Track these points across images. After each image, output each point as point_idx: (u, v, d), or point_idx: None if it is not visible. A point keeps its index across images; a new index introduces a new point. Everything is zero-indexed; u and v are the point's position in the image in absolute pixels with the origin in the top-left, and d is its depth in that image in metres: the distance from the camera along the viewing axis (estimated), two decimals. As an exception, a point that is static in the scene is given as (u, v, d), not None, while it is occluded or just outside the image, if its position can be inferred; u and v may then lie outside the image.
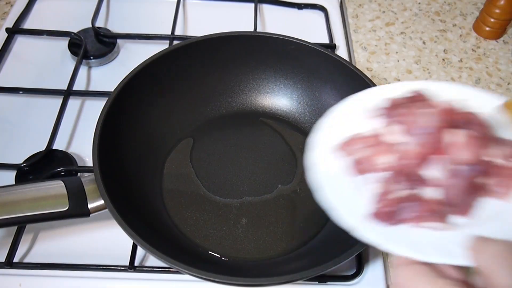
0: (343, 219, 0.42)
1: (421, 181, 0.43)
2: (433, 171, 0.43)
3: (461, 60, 0.84)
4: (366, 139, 0.46)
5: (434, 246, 0.39)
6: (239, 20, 0.85)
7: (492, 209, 0.42)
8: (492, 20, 0.86)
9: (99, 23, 0.82)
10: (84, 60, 0.77)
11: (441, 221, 0.42)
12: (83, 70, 0.77)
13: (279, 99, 0.70)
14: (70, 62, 0.78)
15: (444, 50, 0.86)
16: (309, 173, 0.46)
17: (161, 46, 0.70)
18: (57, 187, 0.50)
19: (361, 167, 0.46)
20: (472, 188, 0.42)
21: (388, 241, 0.40)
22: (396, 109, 0.47)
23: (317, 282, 0.56)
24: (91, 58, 0.78)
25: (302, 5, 0.89)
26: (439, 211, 0.42)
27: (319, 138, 0.49)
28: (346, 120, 0.51)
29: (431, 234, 0.41)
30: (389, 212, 0.42)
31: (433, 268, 0.38)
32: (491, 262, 0.35)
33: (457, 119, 0.44)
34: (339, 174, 0.46)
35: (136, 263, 0.56)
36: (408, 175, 0.43)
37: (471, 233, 0.38)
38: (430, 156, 0.43)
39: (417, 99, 0.48)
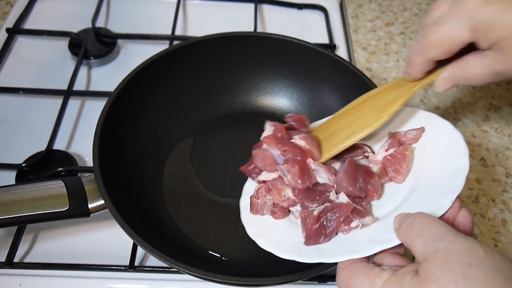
0: (283, 256, 0.47)
1: (324, 191, 0.49)
2: (324, 177, 0.49)
3: (461, 60, 0.84)
4: (260, 190, 0.52)
5: (368, 241, 0.43)
6: (239, 20, 0.85)
7: (406, 190, 0.48)
8: (492, 20, 0.86)
9: (99, 23, 0.82)
10: (84, 60, 0.77)
11: (367, 214, 0.47)
12: (83, 70, 0.77)
13: (279, 99, 0.70)
14: (70, 62, 0.78)
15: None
16: (246, 229, 0.52)
17: (161, 46, 0.70)
18: (57, 187, 0.50)
19: (278, 215, 0.52)
20: (357, 176, 0.48)
21: (326, 256, 0.44)
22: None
23: (317, 282, 0.56)
24: (91, 58, 0.78)
25: (302, 5, 0.89)
26: (357, 207, 0.47)
27: (244, 201, 0.55)
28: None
29: (365, 232, 0.46)
30: (316, 232, 0.46)
31: (370, 262, 0.42)
32: (408, 235, 0.38)
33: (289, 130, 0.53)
34: (270, 223, 0.52)
35: (136, 263, 0.56)
36: (310, 194, 0.49)
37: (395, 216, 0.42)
38: (306, 166, 0.50)
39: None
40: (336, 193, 0.49)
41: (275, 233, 0.50)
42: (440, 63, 0.47)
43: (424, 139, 0.51)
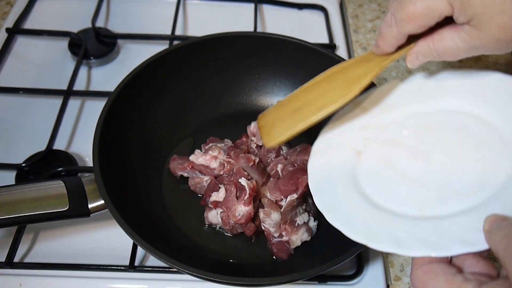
0: (353, 237, 0.43)
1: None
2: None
3: (461, 60, 0.84)
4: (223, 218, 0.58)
5: (452, 238, 0.38)
6: (239, 20, 0.85)
7: (496, 185, 0.42)
8: (492, 20, 0.86)
9: (99, 23, 0.82)
10: (84, 60, 0.77)
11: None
12: (83, 70, 0.77)
13: (279, 99, 0.70)
14: (70, 62, 0.78)
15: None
16: (314, 198, 0.49)
17: (161, 46, 0.70)
18: (57, 187, 0.50)
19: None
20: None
21: (401, 246, 0.39)
22: None
23: (317, 282, 0.56)
24: (91, 58, 0.78)
25: (302, 5, 0.89)
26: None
27: (311, 164, 0.53)
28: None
29: (449, 226, 0.40)
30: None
31: (452, 265, 0.37)
32: (502, 248, 0.33)
33: None
34: (341, 194, 0.49)
35: (136, 263, 0.56)
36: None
37: (484, 213, 0.37)
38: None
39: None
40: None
41: (345, 208, 0.46)
42: (412, 38, 0.45)
43: None
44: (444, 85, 0.51)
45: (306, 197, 0.58)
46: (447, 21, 0.43)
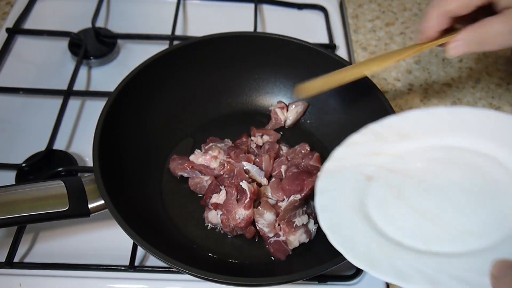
0: (354, 262, 0.42)
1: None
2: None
3: (461, 60, 0.84)
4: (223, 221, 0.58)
5: (456, 277, 0.38)
6: (239, 20, 0.85)
7: (507, 229, 0.41)
8: (492, 20, 0.86)
9: (99, 23, 0.82)
10: (84, 60, 0.77)
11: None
12: (83, 70, 0.77)
13: (279, 99, 0.70)
14: (70, 62, 0.78)
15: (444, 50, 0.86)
16: (318, 217, 0.48)
17: (161, 46, 0.70)
18: (57, 187, 0.50)
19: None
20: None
21: (403, 278, 0.39)
22: None
23: (317, 282, 0.56)
24: (91, 58, 0.78)
25: (302, 5, 0.89)
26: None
27: (320, 182, 0.51)
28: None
29: (454, 265, 0.39)
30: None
31: None
32: None
33: None
34: (346, 213, 0.47)
35: (136, 263, 0.56)
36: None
37: (492, 257, 0.37)
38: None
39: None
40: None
41: (350, 231, 0.45)
42: (453, 29, 0.49)
43: None
44: (463, 121, 0.50)
45: (308, 199, 0.58)
46: (489, 12, 0.47)
